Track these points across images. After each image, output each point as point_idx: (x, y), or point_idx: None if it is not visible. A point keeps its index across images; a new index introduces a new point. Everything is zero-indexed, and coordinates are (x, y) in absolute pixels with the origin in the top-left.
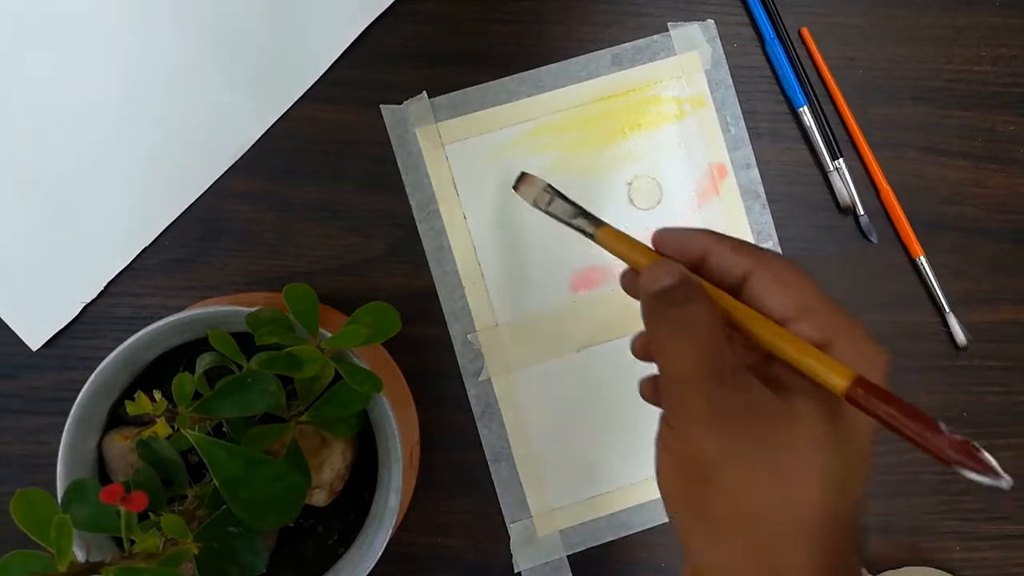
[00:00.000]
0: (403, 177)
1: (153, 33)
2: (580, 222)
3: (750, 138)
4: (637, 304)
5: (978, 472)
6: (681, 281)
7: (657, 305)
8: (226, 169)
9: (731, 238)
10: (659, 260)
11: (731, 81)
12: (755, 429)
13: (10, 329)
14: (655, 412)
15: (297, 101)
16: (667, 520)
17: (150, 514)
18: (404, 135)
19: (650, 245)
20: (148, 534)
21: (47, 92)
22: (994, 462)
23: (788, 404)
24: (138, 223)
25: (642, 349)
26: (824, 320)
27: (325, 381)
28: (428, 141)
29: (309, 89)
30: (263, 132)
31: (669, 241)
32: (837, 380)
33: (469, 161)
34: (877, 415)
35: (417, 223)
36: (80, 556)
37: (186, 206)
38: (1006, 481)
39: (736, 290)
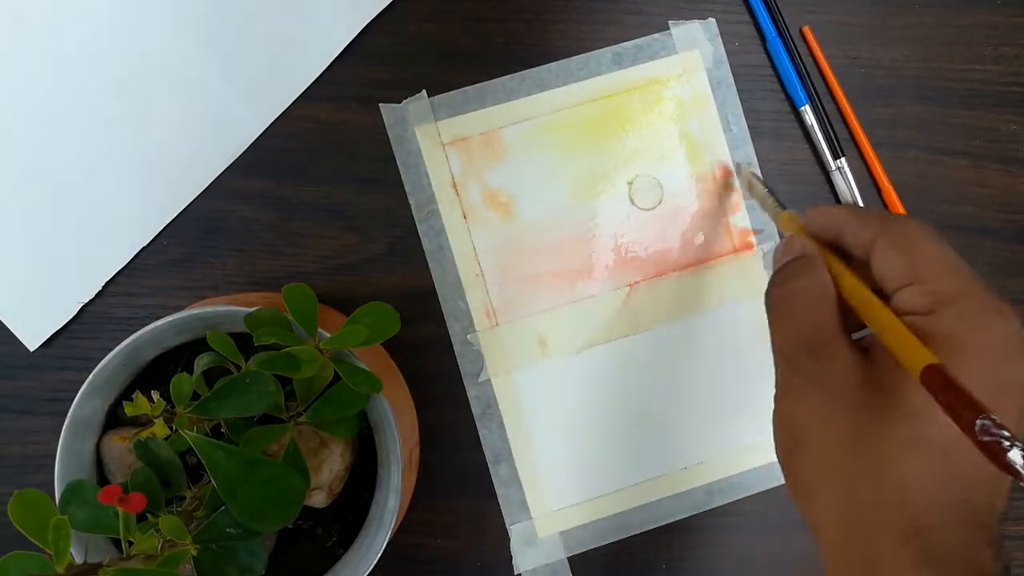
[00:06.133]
0: (402, 176)
1: (150, 32)
2: (770, 205)
3: (752, 137)
4: (639, 304)
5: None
6: (795, 259)
7: (772, 281)
8: (224, 168)
9: (865, 211)
10: (788, 238)
11: (732, 80)
12: (839, 397)
13: (8, 329)
14: (656, 413)
15: (296, 100)
16: (668, 521)
17: (148, 515)
18: (403, 134)
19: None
20: (146, 535)
21: (44, 91)
22: (1018, 464)
23: (879, 374)
24: (136, 223)
25: None
26: (935, 284)
27: (324, 382)
28: (427, 140)
29: (308, 88)
30: (261, 131)
31: (812, 219)
32: (912, 363)
33: (469, 160)
34: (940, 403)
35: (416, 223)
36: (78, 557)
37: (184, 206)
38: None
39: (868, 261)
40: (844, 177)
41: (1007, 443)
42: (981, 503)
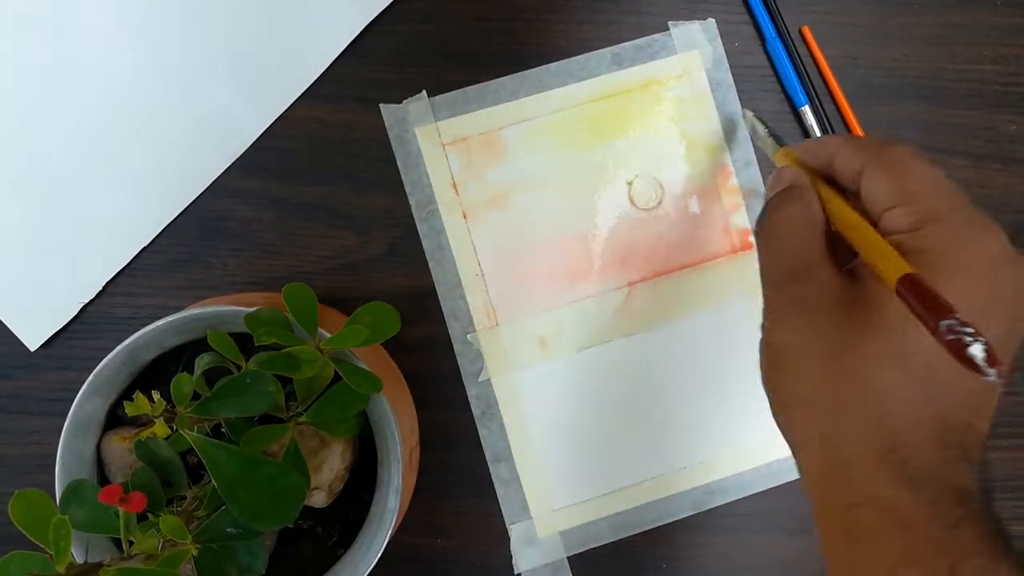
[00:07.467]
0: (402, 177)
1: (151, 32)
2: (769, 143)
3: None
4: (639, 304)
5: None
6: (785, 188)
7: (761, 212)
8: (225, 168)
9: (855, 138)
10: (778, 170)
11: (732, 80)
12: (821, 316)
13: (8, 329)
14: (655, 413)
15: (296, 100)
16: (668, 521)
17: (149, 515)
18: (404, 134)
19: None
20: (147, 535)
21: (45, 91)
22: (978, 358)
23: (862, 293)
24: (137, 223)
25: None
26: (921, 204)
27: (324, 382)
28: (428, 140)
29: (308, 88)
30: (262, 131)
31: (806, 149)
32: (888, 276)
33: (469, 160)
34: (912, 311)
35: (416, 223)
36: (79, 557)
37: (185, 206)
38: (991, 375)
39: (858, 189)
40: None
41: (968, 339)
42: (957, 422)
